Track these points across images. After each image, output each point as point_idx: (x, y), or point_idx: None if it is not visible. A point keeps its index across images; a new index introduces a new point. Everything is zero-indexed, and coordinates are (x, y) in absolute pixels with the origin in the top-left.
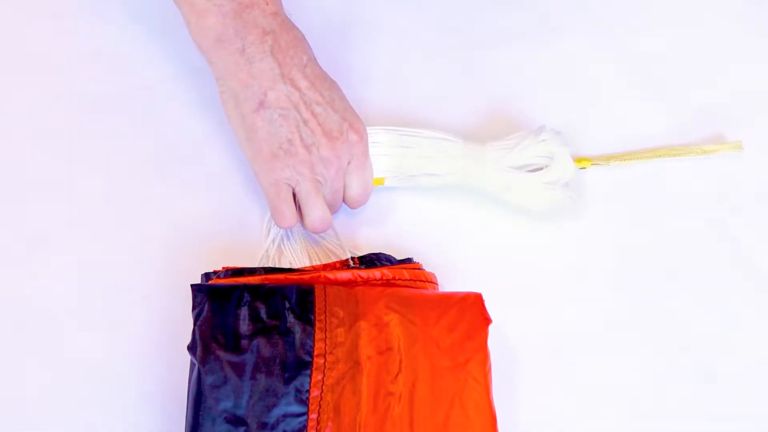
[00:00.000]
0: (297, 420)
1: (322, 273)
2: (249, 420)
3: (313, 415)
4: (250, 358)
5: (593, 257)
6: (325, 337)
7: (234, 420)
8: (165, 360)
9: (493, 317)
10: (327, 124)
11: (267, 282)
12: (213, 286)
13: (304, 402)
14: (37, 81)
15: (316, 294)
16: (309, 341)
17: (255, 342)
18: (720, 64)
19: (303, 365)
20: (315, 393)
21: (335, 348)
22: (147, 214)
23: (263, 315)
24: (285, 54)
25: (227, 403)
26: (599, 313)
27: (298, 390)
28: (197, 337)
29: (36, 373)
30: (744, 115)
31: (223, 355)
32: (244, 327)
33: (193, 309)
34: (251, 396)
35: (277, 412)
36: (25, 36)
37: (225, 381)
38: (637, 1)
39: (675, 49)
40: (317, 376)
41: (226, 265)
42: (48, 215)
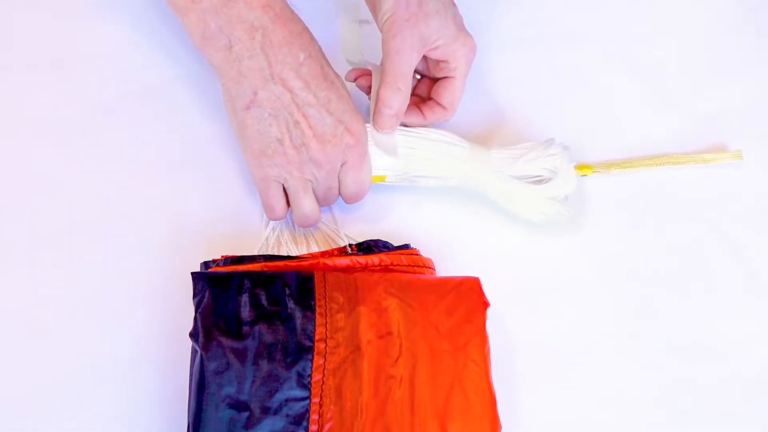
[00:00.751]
0: (299, 404)
1: (321, 260)
2: (252, 405)
3: (316, 399)
4: (251, 343)
5: (592, 259)
6: (326, 322)
7: (237, 405)
8: (167, 355)
9: (492, 310)
10: (319, 126)
11: (267, 269)
12: (213, 273)
13: (306, 386)
14: (41, 81)
15: (315, 280)
16: (310, 326)
17: (256, 328)
18: (725, 72)
19: (304, 350)
20: (317, 377)
21: (336, 333)
22: (147, 209)
23: (264, 301)
24: (277, 51)
25: (230, 389)
26: (597, 314)
27: (300, 374)
28: (199, 324)
29: (36, 371)
30: (749, 122)
31: (225, 342)
32: (245, 313)
33: (194, 296)
34: (254, 381)
35: (280, 396)
36: (29, 37)
37: (227, 367)
38: (643, 10)
39: (681, 57)
40: (318, 360)
41: (225, 254)
42: (48, 212)
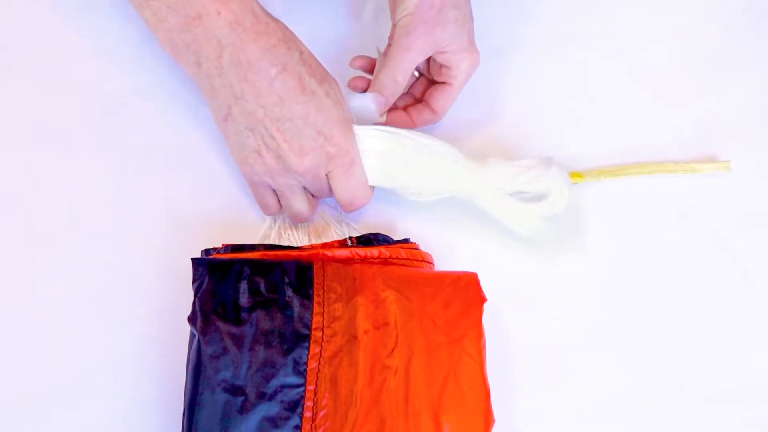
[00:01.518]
0: (295, 391)
1: (320, 251)
2: (248, 390)
3: (311, 387)
4: (249, 330)
5: (589, 260)
6: (323, 311)
7: (233, 389)
8: (166, 353)
9: (489, 306)
10: (296, 140)
11: (266, 258)
12: (213, 260)
13: (301, 373)
14: (40, 81)
15: (314, 270)
16: (307, 315)
17: (254, 315)
18: (720, 74)
19: (301, 338)
20: (313, 365)
21: (333, 322)
22: (147, 207)
23: (262, 289)
24: (247, 69)
25: (226, 373)
26: (595, 314)
27: (296, 362)
28: (197, 309)
29: (35, 371)
30: (744, 125)
31: (223, 327)
32: (243, 300)
33: (194, 282)
34: (250, 366)
35: (276, 382)
36: (28, 37)
37: (224, 351)
38: (640, 13)
39: (676, 60)
40: (315, 348)
41: (226, 242)
42: (47, 210)
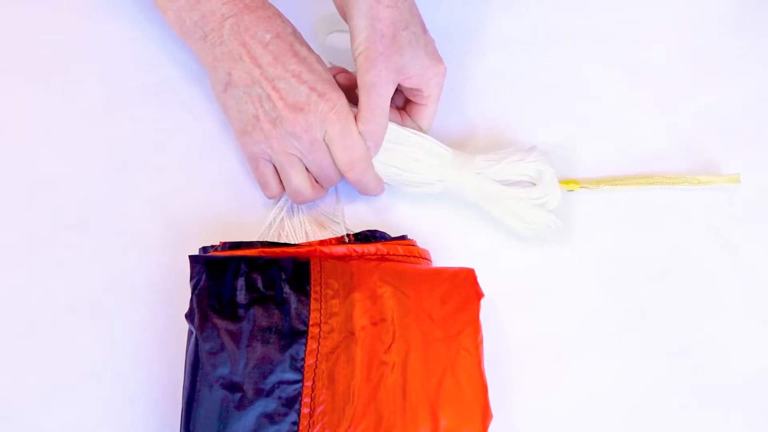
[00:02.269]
0: (292, 387)
1: (318, 248)
2: (245, 386)
3: (308, 383)
4: (246, 326)
5: (588, 258)
6: (320, 308)
7: (230, 386)
8: (165, 354)
9: (487, 302)
10: (290, 96)
11: (264, 255)
12: (211, 257)
13: (299, 370)
14: (40, 81)
15: (311, 266)
16: (304, 311)
17: (251, 311)
18: (719, 73)
19: (298, 334)
20: (310, 361)
21: (330, 318)
22: (146, 207)
23: (260, 285)
24: (245, 34)
25: (224, 370)
26: (593, 311)
27: (293, 358)
28: (195, 306)
29: (35, 370)
30: (743, 125)
31: (220, 323)
32: (240, 296)
33: (191, 279)
34: (247, 363)
35: (273, 378)
36: (29, 36)
37: (222, 348)
38: (637, 11)
39: (676, 60)
40: (312, 344)
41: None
42: (46, 210)
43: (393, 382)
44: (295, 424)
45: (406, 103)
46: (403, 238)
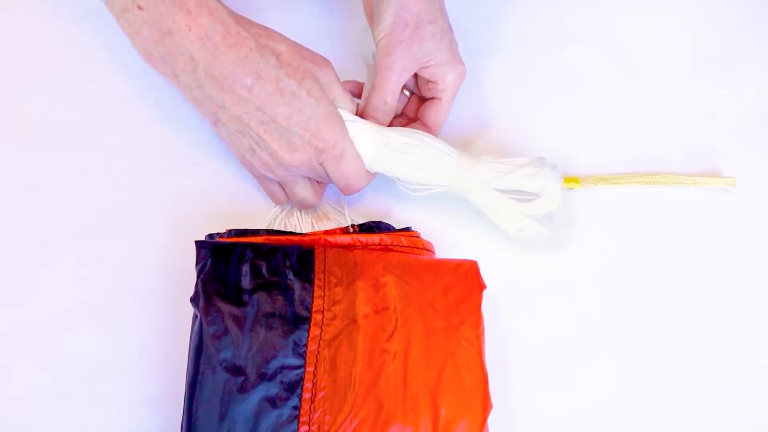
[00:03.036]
0: (294, 372)
1: (322, 236)
2: (248, 370)
3: (310, 368)
4: (250, 311)
5: (590, 256)
6: (324, 295)
7: (233, 369)
8: (167, 355)
9: (488, 296)
10: (282, 139)
11: (269, 242)
12: (216, 242)
13: (301, 355)
14: (38, 85)
15: (316, 254)
16: (308, 298)
17: (256, 296)
18: (721, 76)
19: (301, 320)
20: (312, 347)
21: (333, 305)
22: (148, 210)
23: (264, 272)
24: (222, 81)
25: (227, 353)
26: (595, 308)
27: (296, 343)
28: (200, 290)
29: (36, 370)
30: (744, 125)
31: (225, 308)
32: (245, 282)
33: (197, 264)
34: (250, 347)
35: (276, 363)
36: (28, 40)
37: (225, 332)
38: (637, 11)
39: (677, 61)
40: (315, 331)
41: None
42: (48, 214)
43: (394, 370)
44: (297, 408)
45: (418, 110)
46: (408, 229)
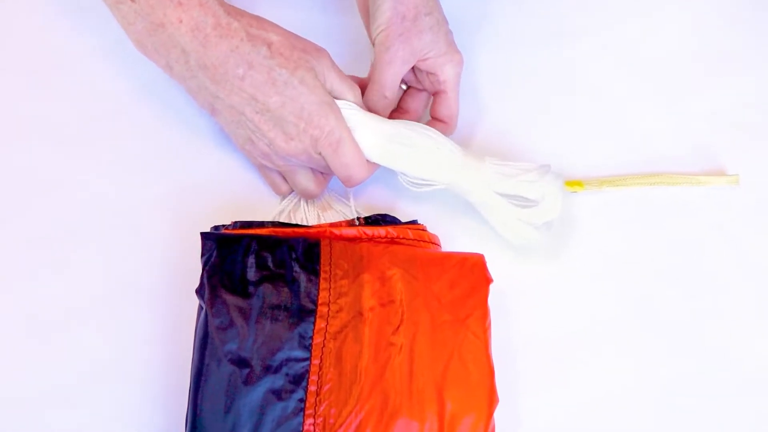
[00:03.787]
0: (300, 364)
1: (328, 229)
2: (253, 362)
3: (316, 361)
4: (256, 303)
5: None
6: (329, 287)
7: (238, 361)
8: (168, 354)
9: (493, 291)
10: (278, 128)
11: (275, 234)
12: (222, 234)
13: (307, 348)
14: (39, 82)
15: (322, 247)
16: (313, 290)
17: (261, 288)
18: (725, 71)
19: (307, 313)
20: (318, 340)
21: (339, 298)
22: (149, 208)
23: (270, 264)
24: (215, 71)
25: (232, 345)
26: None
27: (301, 336)
28: (205, 281)
29: (37, 370)
30: (747, 122)
31: (230, 299)
32: (251, 274)
33: (202, 255)
34: (256, 339)
35: (281, 356)
36: (28, 37)
37: (231, 324)
38: (641, 7)
39: (680, 57)
40: (320, 323)
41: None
42: (49, 211)
43: (400, 363)
44: (302, 401)
45: (418, 101)
46: (414, 222)
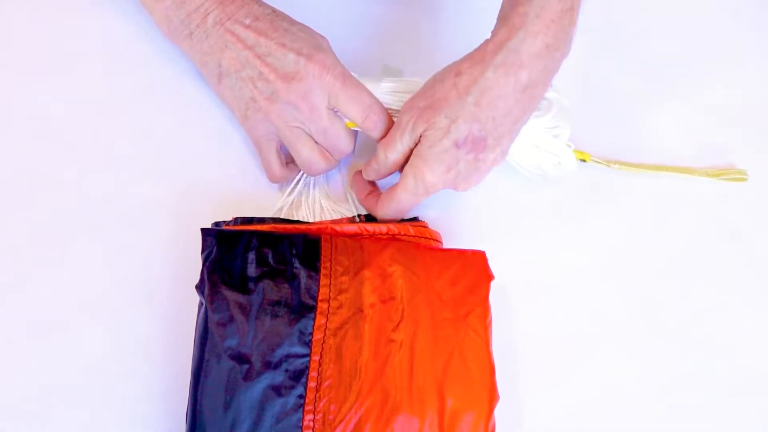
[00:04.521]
0: (299, 360)
1: (329, 226)
2: (253, 358)
3: (316, 357)
4: (256, 299)
5: (598, 250)
6: (330, 284)
7: (238, 357)
8: (170, 353)
9: (495, 287)
10: (281, 67)
11: (275, 231)
12: (222, 230)
13: (307, 344)
14: (41, 80)
15: (322, 243)
16: (314, 286)
17: (261, 284)
18: (731, 66)
19: (307, 309)
20: (318, 336)
21: (339, 294)
22: (151, 207)
23: (270, 260)
24: (227, 22)
25: (232, 341)
26: (601, 304)
27: (301, 332)
28: (205, 277)
29: (37, 369)
30: (753, 117)
31: (230, 295)
32: (251, 270)
33: (203, 251)
34: (256, 335)
35: (281, 352)
36: (33, 34)
37: (231, 320)
38: (649, 4)
39: (686, 51)
40: (321, 320)
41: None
42: (51, 210)
43: (400, 360)
44: (302, 397)
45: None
46: (415, 219)
